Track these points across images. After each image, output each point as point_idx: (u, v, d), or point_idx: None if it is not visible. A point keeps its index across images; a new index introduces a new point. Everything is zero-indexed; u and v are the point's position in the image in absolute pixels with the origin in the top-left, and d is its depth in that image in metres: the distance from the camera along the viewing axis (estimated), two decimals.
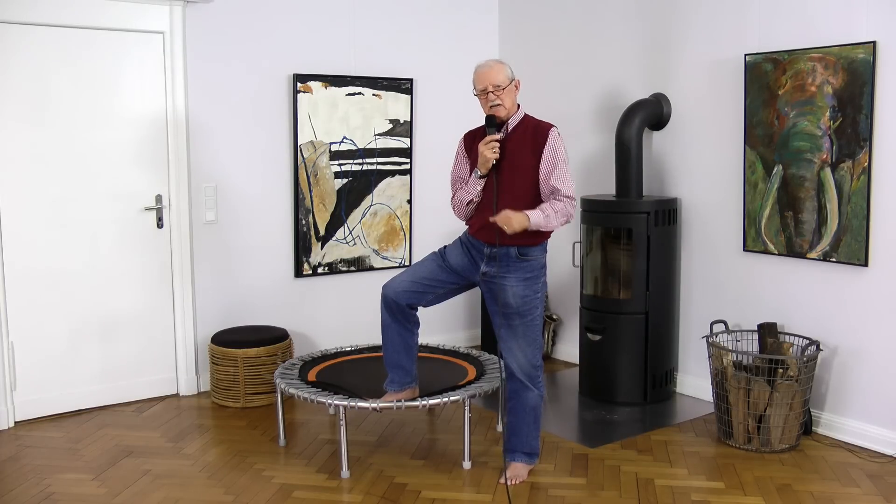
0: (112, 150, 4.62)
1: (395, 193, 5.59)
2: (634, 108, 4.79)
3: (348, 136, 5.33)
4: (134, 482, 3.68)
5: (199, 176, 4.89)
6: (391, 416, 4.48)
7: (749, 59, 4.36)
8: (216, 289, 5.00)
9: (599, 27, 5.23)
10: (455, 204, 3.67)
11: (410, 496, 3.53)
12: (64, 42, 4.43)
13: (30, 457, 3.98)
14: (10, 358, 4.41)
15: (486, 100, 3.49)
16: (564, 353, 5.67)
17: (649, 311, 4.67)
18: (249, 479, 3.71)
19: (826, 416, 4.19)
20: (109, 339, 4.71)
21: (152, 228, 4.79)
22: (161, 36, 4.69)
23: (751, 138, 4.39)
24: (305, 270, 5.29)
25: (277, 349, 4.77)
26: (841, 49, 3.95)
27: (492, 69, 3.48)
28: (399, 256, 5.65)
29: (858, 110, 3.91)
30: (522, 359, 3.56)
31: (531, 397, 3.60)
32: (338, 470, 3.76)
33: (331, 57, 5.25)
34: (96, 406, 4.68)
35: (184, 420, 4.51)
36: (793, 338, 4.21)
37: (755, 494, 3.53)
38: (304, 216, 5.22)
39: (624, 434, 4.27)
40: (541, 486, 3.64)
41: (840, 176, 4.02)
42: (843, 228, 4.03)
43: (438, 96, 5.67)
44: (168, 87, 4.74)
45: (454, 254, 3.69)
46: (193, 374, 4.96)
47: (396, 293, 3.67)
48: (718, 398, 4.13)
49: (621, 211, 4.70)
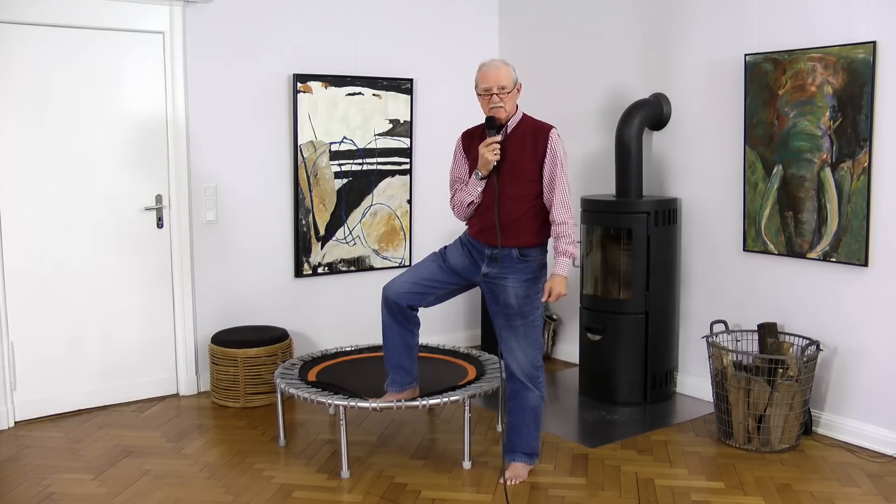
0: (112, 149, 4.62)
1: (394, 193, 5.59)
2: (634, 108, 4.79)
3: (348, 136, 5.33)
4: (134, 482, 3.68)
5: (199, 176, 4.89)
6: (391, 416, 4.48)
7: (749, 59, 4.36)
8: (216, 289, 5.00)
9: (599, 27, 5.23)
10: (455, 204, 3.66)
11: (410, 496, 3.54)
12: (64, 42, 4.43)
13: (30, 457, 3.98)
14: (10, 358, 4.41)
15: (488, 100, 3.47)
16: (564, 353, 5.67)
17: (649, 311, 4.67)
18: (249, 479, 3.71)
19: (826, 416, 4.19)
20: (109, 339, 4.71)
21: (152, 228, 4.79)
22: (161, 36, 4.69)
23: (751, 138, 4.39)
24: (305, 270, 5.29)
25: (277, 349, 4.77)
26: (841, 49, 3.96)
27: (499, 70, 3.45)
28: (399, 256, 5.65)
29: (858, 110, 3.91)
30: (523, 359, 3.56)
31: (531, 398, 3.60)
32: (338, 470, 3.76)
33: (331, 57, 5.25)
34: (96, 406, 4.68)
35: (184, 420, 4.51)
36: (793, 338, 4.21)
37: (755, 494, 3.53)
38: (304, 216, 5.22)
39: (624, 434, 4.27)
40: (541, 486, 3.64)
41: (840, 176, 4.02)
42: (843, 228, 4.03)
43: (438, 96, 5.67)
44: (168, 87, 4.74)
45: (455, 254, 3.69)
46: (193, 374, 4.96)
47: (397, 294, 3.67)
48: (718, 398, 4.13)
49: (621, 211, 4.70)
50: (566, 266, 3.48)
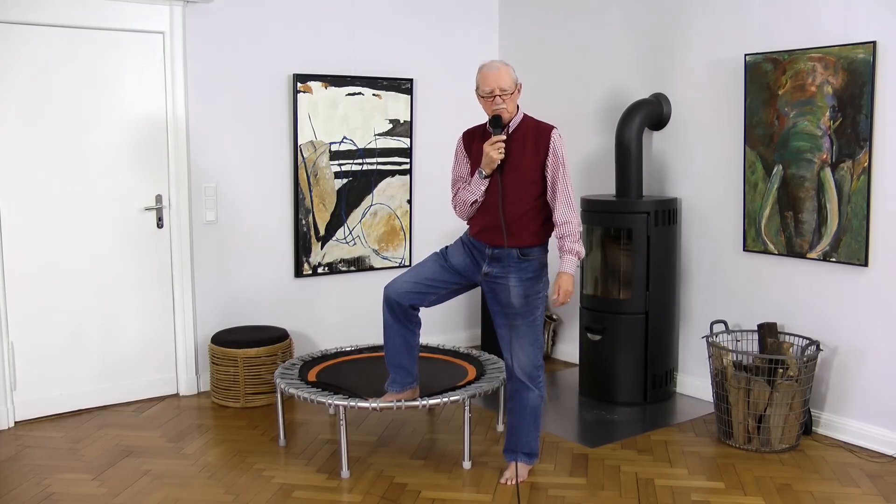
0: (112, 149, 4.62)
1: (394, 193, 5.59)
2: (634, 108, 4.79)
3: (348, 136, 5.33)
4: (134, 482, 3.68)
5: (199, 176, 4.89)
6: (391, 416, 4.48)
7: (749, 59, 4.36)
8: (216, 289, 4.99)
9: (599, 27, 5.23)
10: (457, 203, 3.66)
11: (410, 496, 3.54)
12: (64, 42, 4.43)
13: (30, 457, 3.98)
14: (10, 358, 4.41)
15: (490, 102, 3.47)
16: (564, 353, 5.67)
17: (649, 311, 4.67)
18: (249, 479, 3.71)
19: (826, 416, 4.19)
20: (109, 339, 4.71)
21: (152, 228, 4.79)
22: (161, 36, 4.69)
23: (751, 138, 4.39)
24: (305, 270, 5.29)
25: (277, 349, 4.77)
26: (841, 49, 3.96)
27: (499, 71, 3.45)
28: (399, 256, 5.65)
29: (858, 110, 3.91)
30: (524, 359, 3.56)
31: (531, 397, 3.60)
32: (338, 470, 3.76)
33: (331, 57, 5.25)
34: (96, 406, 4.68)
35: (184, 420, 4.51)
36: (793, 338, 4.21)
37: (755, 494, 3.53)
38: (304, 216, 5.22)
39: (624, 434, 4.27)
40: (541, 486, 3.64)
41: (840, 176, 4.02)
42: (843, 228, 4.03)
43: (438, 96, 5.67)
44: (168, 87, 4.73)
45: (456, 254, 3.69)
46: (193, 374, 4.96)
47: (399, 294, 3.68)
48: (718, 398, 4.13)
49: (621, 211, 4.71)
50: (572, 264, 3.48)
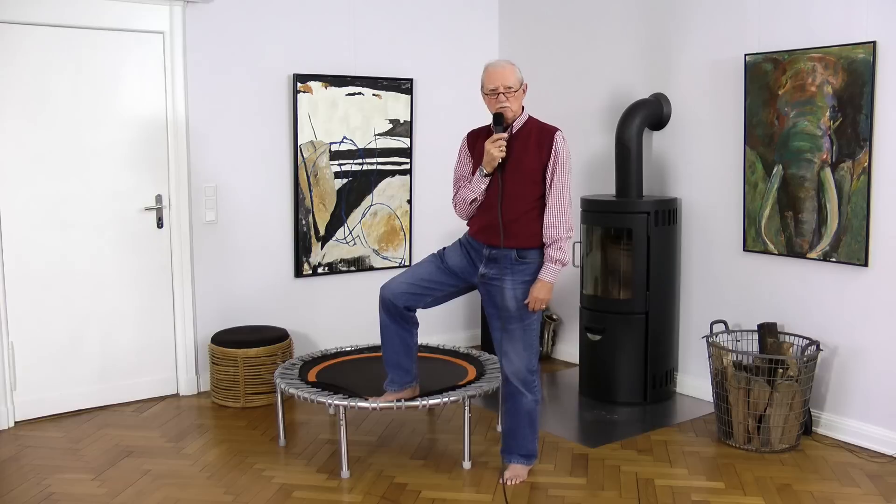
0: (112, 149, 4.62)
1: (395, 193, 5.59)
2: (634, 108, 4.79)
3: (348, 136, 5.33)
4: (134, 482, 3.68)
5: (199, 176, 4.88)
6: (391, 416, 4.48)
7: (749, 59, 4.36)
8: (216, 289, 4.99)
9: (599, 26, 5.23)
10: (457, 202, 3.64)
11: (410, 496, 3.54)
12: (64, 42, 4.43)
13: (30, 457, 3.98)
14: (10, 358, 4.41)
15: (495, 100, 3.45)
16: (564, 353, 5.67)
17: (649, 311, 4.67)
18: (249, 479, 3.71)
19: (826, 416, 4.19)
20: (109, 339, 4.70)
21: (152, 228, 4.79)
22: (161, 36, 4.69)
23: (751, 138, 4.39)
24: (305, 270, 5.29)
25: (277, 349, 4.77)
26: (841, 49, 3.95)
27: (505, 70, 3.44)
28: (399, 256, 5.65)
29: (858, 110, 3.91)
30: (518, 363, 3.54)
31: (526, 402, 3.59)
32: (338, 470, 3.76)
33: (331, 57, 5.25)
34: (96, 406, 4.68)
35: (184, 420, 4.51)
36: (793, 338, 4.21)
37: (755, 494, 3.53)
38: (304, 216, 5.22)
39: (624, 434, 4.27)
40: (541, 486, 3.64)
41: (840, 176, 4.02)
42: (843, 228, 4.03)
43: (438, 96, 5.67)
44: (168, 87, 4.74)
45: (453, 255, 3.68)
46: (193, 374, 4.96)
47: (394, 294, 3.66)
48: (718, 398, 4.13)
49: (621, 211, 4.70)
50: (552, 272, 3.45)
